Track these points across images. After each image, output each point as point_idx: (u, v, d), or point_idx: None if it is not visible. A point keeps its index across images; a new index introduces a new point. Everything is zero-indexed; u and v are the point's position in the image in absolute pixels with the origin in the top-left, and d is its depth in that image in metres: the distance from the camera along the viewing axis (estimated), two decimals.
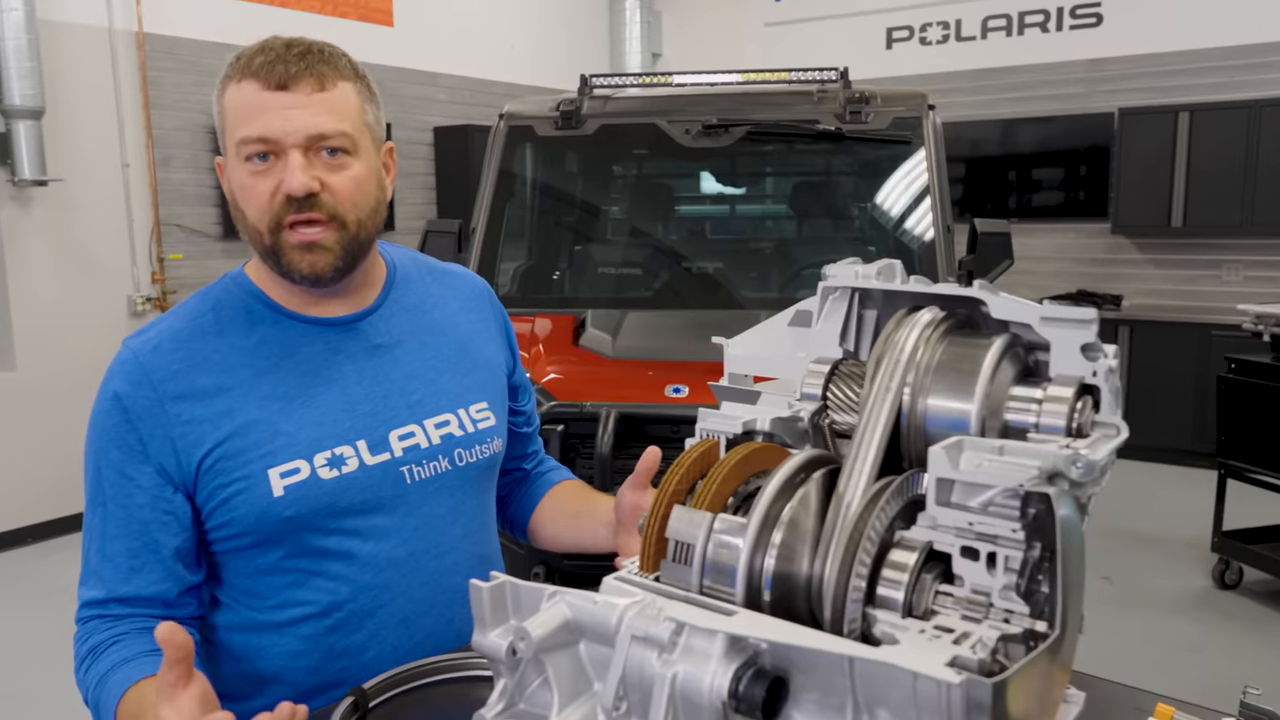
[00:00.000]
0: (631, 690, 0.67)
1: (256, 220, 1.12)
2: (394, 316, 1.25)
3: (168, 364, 1.13)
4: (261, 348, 1.16)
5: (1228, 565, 4.22)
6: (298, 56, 1.10)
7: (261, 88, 1.09)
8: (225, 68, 1.14)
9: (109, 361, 1.19)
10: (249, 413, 1.12)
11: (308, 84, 1.10)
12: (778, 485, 0.71)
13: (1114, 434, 0.71)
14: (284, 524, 1.12)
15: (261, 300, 1.19)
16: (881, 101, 3.37)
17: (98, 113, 5.19)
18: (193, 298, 1.21)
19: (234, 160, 1.12)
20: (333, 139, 1.11)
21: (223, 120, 1.13)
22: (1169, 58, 6.55)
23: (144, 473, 1.12)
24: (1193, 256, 6.59)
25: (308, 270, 1.12)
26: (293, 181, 1.08)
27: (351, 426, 1.17)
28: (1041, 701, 0.66)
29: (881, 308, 0.88)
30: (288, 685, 1.16)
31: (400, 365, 1.23)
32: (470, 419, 1.27)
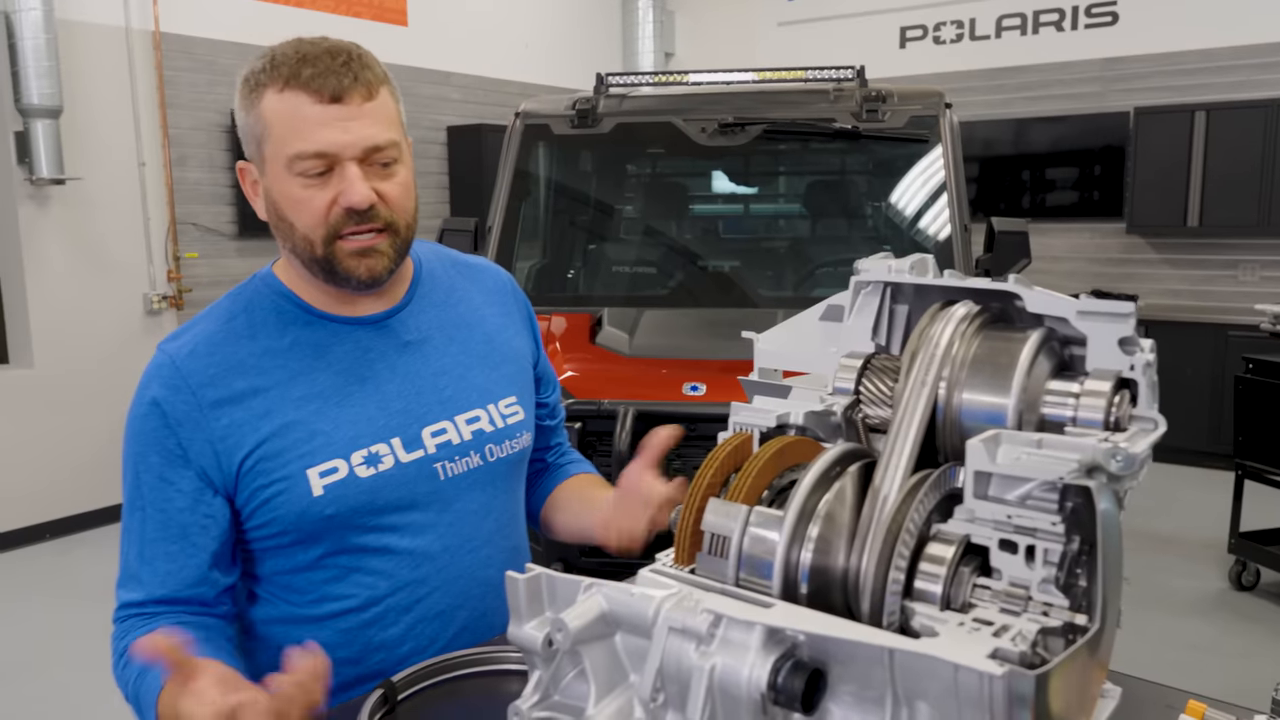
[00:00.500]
0: (669, 682, 0.67)
1: (309, 231, 1.11)
2: (422, 313, 1.26)
3: (204, 369, 1.13)
4: (295, 349, 1.17)
5: (1245, 566, 4.19)
6: (343, 66, 1.10)
7: (313, 100, 1.08)
8: (256, 73, 1.12)
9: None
10: (286, 414, 1.13)
11: (358, 95, 1.10)
12: (814, 479, 0.71)
13: (1152, 428, 0.71)
14: (324, 522, 1.13)
15: (292, 301, 1.19)
16: (898, 100, 3.36)
17: (114, 112, 5.22)
18: (224, 299, 1.21)
19: (281, 172, 1.10)
20: (386, 150, 1.12)
21: (262, 129, 1.11)
22: (1185, 57, 6.52)
23: (184, 477, 1.12)
24: (1209, 256, 6.55)
25: (366, 275, 1.13)
26: (354, 195, 1.09)
27: (386, 424, 1.18)
28: (1080, 696, 0.66)
29: (913, 303, 0.88)
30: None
31: (430, 362, 1.24)
32: (500, 414, 1.27)
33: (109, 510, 5.27)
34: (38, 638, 3.91)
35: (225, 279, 5.76)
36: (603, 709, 0.69)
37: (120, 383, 5.34)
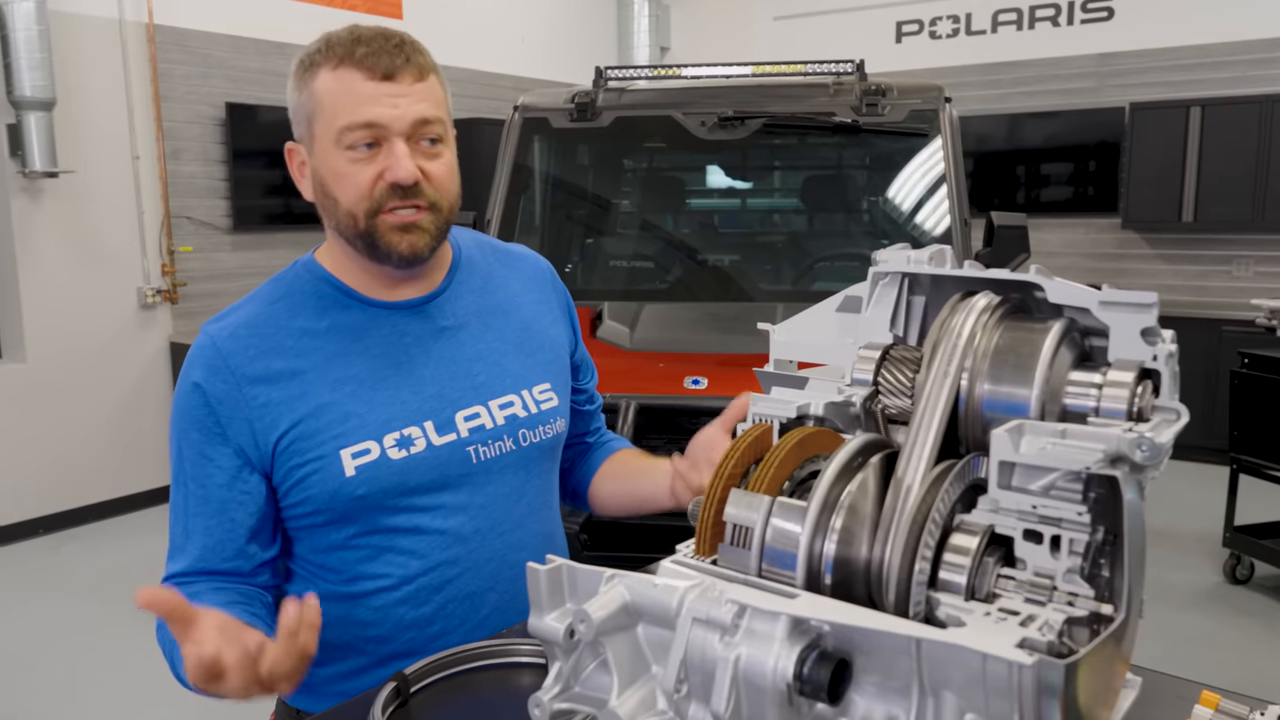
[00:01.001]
0: (693, 673, 0.67)
1: (353, 206, 1.14)
2: (460, 299, 1.28)
3: (244, 349, 1.16)
4: (332, 332, 1.19)
5: (1239, 560, 4.21)
6: (396, 48, 1.13)
7: (366, 77, 1.12)
8: (310, 54, 1.16)
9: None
10: (322, 395, 1.15)
11: (410, 74, 1.13)
12: (836, 469, 0.71)
13: (1174, 418, 0.71)
14: (356, 502, 1.15)
15: (332, 285, 1.22)
16: (898, 94, 3.36)
17: (108, 104, 5.19)
18: (266, 284, 1.24)
19: (329, 147, 1.13)
20: (434, 126, 1.15)
21: (313, 106, 1.14)
22: (1180, 52, 6.53)
23: (223, 454, 1.15)
24: (1204, 252, 6.58)
25: (407, 250, 1.15)
26: (400, 170, 1.11)
27: (419, 408, 1.19)
28: (1105, 687, 0.66)
29: (930, 294, 0.88)
30: (358, 654, 1.21)
31: (465, 347, 1.26)
32: (534, 400, 1.29)
33: (102, 505, 5.25)
34: (31, 633, 3.89)
35: (219, 273, 5.74)
36: (625, 700, 0.69)
37: (114, 377, 5.34)
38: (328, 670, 1.21)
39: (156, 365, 5.49)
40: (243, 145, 5.72)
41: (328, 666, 1.20)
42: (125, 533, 5.09)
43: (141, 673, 3.51)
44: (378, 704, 0.96)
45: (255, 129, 5.77)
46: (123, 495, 5.34)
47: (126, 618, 3.98)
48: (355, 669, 1.22)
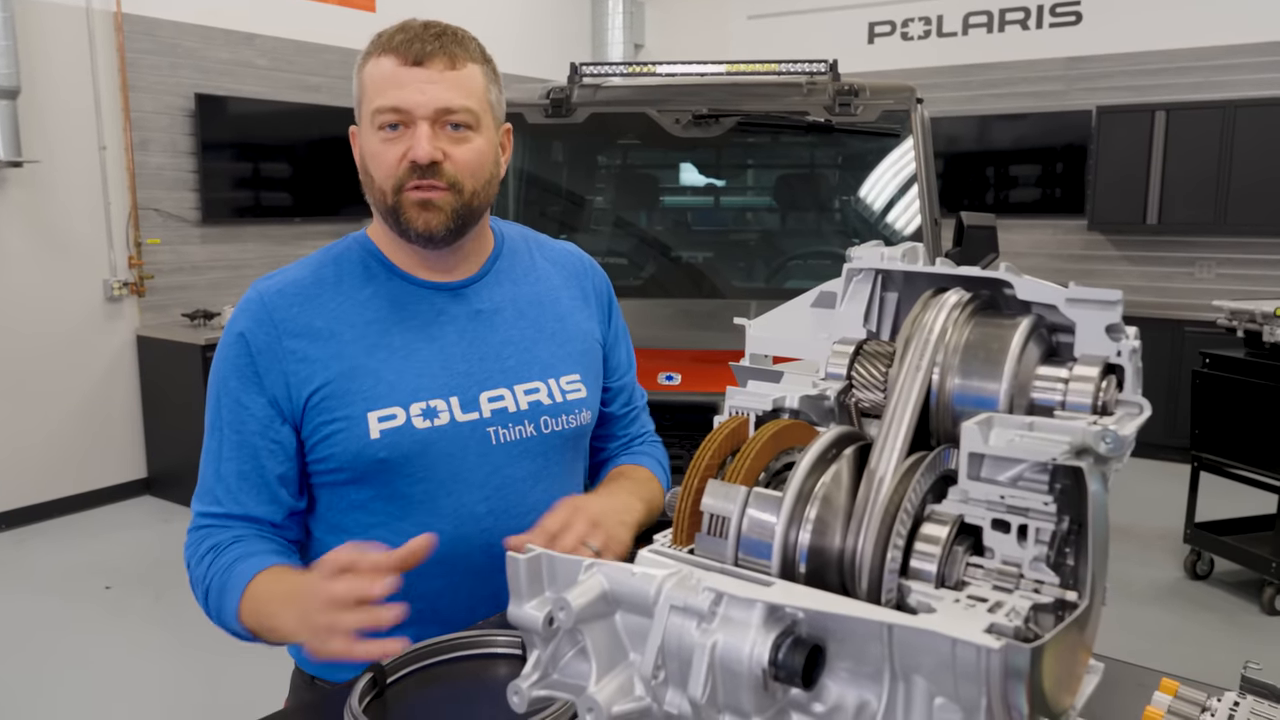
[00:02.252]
0: (670, 659, 0.68)
1: (382, 182, 1.22)
2: (498, 285, 1.34)
3: (288, 305, 1.23)
4: (373, 300, 1.26)
5: (1199, 556, 4.30)
6: (433, 36, 1.21)
7: (399, 63, 1.19)
8: (368, 45, 1.24)
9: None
10: (356, 358, 1.22)
11: (440, 62, 1.20)
12: (811, 461, 0.72)
13: (1137, 411, 0.73)
14: (377, 465, 1.21)
15: (378, 259, 1.29)
16: (870, 94, 3.39)
17: (74, 94, 5.11)
18: (318, 252, 1.32)
19: (367, 128, 1.22)
20: (458, 113, 1.20)
21: (360, 91, 1.23)
22: (1146, 57, 6.64)
23: (258, 403, 1.21)
24: (1167, 254, 6.70)
25: (423, 227, 1.22)
26: (419, 150, 1.18)
27: (446, 383, 1.25)
28: (1069, 672, 0.68)
29: (902, 290, 0.90)
30: None
31: (498, 331, 1.31)
32: (560, 389, 1.33)
33: (67, 500, 5.18)
34: None
35: (187, 266, 5.68)
36: (604, 687, 0.70)
37: (79, 370, 5.27)
38: None
39: (123, 358, 5.42)
40: (212, 137, 5.66)
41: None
42: (90, 528, 5.02)
43: (106, 670, 3.47)
44: (354, 695, 0.97)
45: (225, 120, 5.71)
46: (88, 490, 5.27)
47: (91, 614, 3.93)
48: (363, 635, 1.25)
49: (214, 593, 1.16)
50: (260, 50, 5.95)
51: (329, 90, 6.30)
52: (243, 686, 3.30)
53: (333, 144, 6.25)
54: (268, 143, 5.97)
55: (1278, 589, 3.90)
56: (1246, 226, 6.22)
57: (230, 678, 3.37)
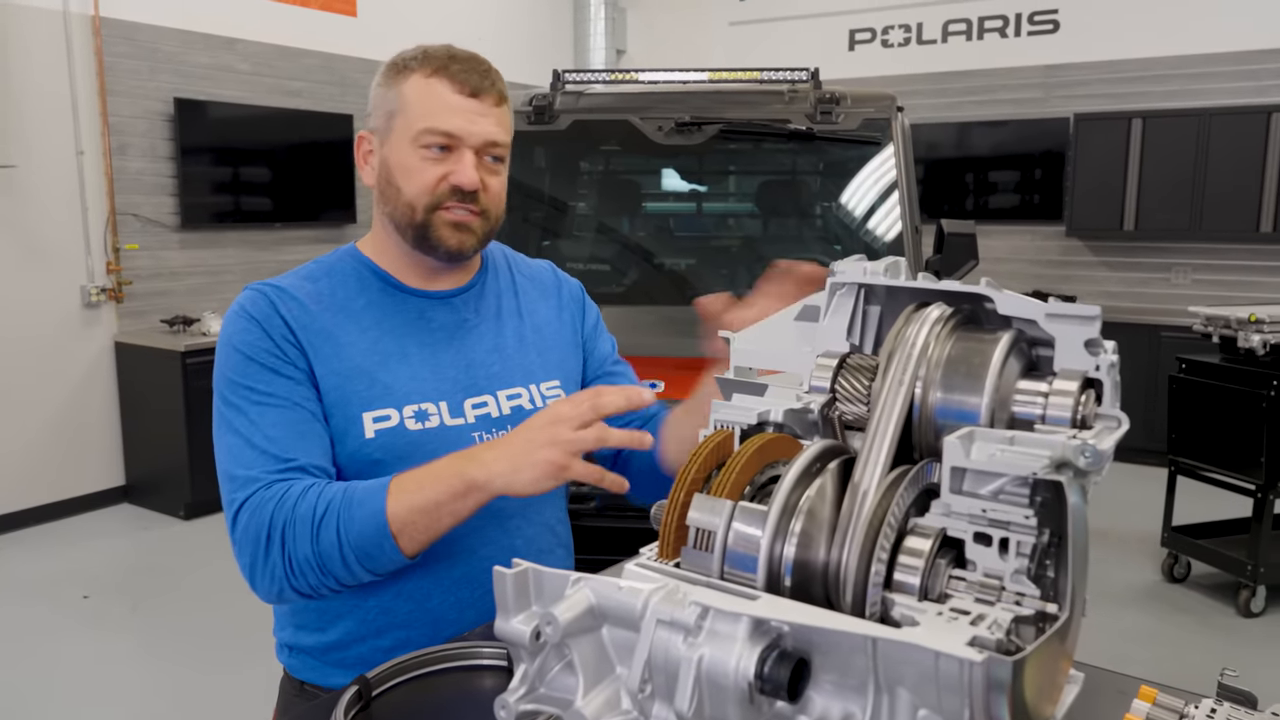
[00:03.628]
0: (656, 673, 0.68)
1: (414, 198, 1.26)
2: (483, 298, 1.40)
3: (291, 303, 1.26)
4: (369, 309, 1.30)
5: (1176, 559, 4.35)
6: (485, 73, 1.27)
7: (456, 90, 1.24)
8: (406, 59, 1.27)
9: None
10: (354, 360, 1.25)
11: (492, 97, 1.26)
12: (796, 474, 0.73)
13: (1116, 425, 0.74)
14: (371, 465, 1.23)
15: (372, 270, 1.33)
16: (851, 102, 3.41)
17: (51, 98, 5.06)
18: (309, 264, 1.35)
19: (404, 143, 1.25)
20: (500, 148, 1.28)
21: (399, 104, 1.26)
22: (1123, 65, 6.72)
23: (291, 371, 1.22)
24: (1144, 260, 6.77)
25: (455, 246, 1.28)
26: (466, 176, 1.24)
27: (436, 388, 1.29)
28: (1050, 682, 0.69)
29: (885, 304, 0.91)
30: (358, 622, 1.27)
31: (484, 340, 1.36)
32: (541, 395, 1.38)
33: (43, 509, 5.12)
34: None
35: (166, 271, 5.64)
36: (590, 700, 0.70)
37: (57, 377, 5.21)
38: (329, 636, 1.28)
39: (101, 365, 5.37)
40: (191, 142, 5.62)
41: (329, 632, 1.28)
42: (68, 537, 4.97)
43: (84, 680, 3.44)
44: (340, 706, 0.97)
45: (205, 125, 5.68)
46: (66, 498, 5.22)
47: (69, 624, 3.89)
48: (354, 636, 1.28)
49: (335, 512, 1.11)
50: (241, 55, 5.92)
51: (310, 95, 6.27)
52: (223, 697, 3.27)
53: (314, 149, 6.23)
54: (248, 148, 5.93)
55: (1254, 591, 3.95)
56: (1221, 233, 6.30)
57: (210, 688, 3.35)
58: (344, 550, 1.10)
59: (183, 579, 4.40)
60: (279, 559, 1.12)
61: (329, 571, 1.12)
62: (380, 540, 1.10)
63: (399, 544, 1.10)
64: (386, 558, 1.11)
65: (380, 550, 1.10)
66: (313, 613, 1.31)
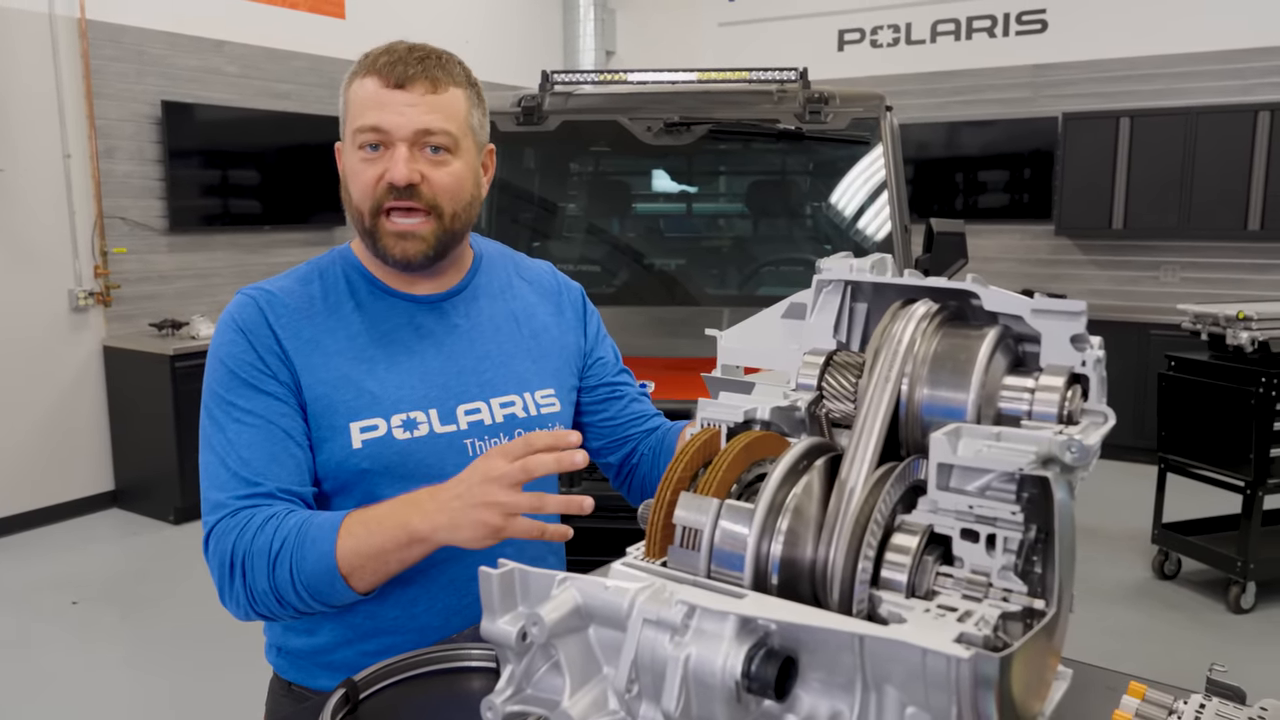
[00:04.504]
0: (643, 673, 0.68)
1: (360, 202, 1.24)
2: (475, 301, 1.37)
3: (279, 311, 1.25)
4: (357, 315, 1.28)
5: (1167, 556, 4.36)
6: (417, 60, 1.22)
7: (382, 84, 1.21)
8: (356, 65, 1.26)
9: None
10: (341, 369, 1.24)
11: (422, 85, 1.21)
12: (782, 472, 0.73)
13: (1102, 421, 0.74)
14: (358, 475, 1.22)
15: (361, 273, 1.31)
16: (840, 102, 3.42)
17: (37, 101, 5.03)
18: (303, 266, 1.33)
19: (349, 146, 1.24)
20: (436, 136, 1.22)
21: (345, 110, 1.25)
22: (1111, 64, 6.75)
23: (274, 387, 1.21)
24: (1132, 258, 6.80)
25: (400, 256, 1.25)
26: (396, 171, 1.20)
27: (426, 395, 1.27)
28: (1038, 679, 0.69)
29: (871, 301, 0.91)
30: (345, 626, 1.27)
31: (475, 345, 1.34)
32: (535, 402, 1.36)
33: (30, 515, 5.09)
34: None
35: (155, 275, 5.61)
36: (577, 701, 0.70)
37: (44, 382, 5.18)
38: (317, 640, 1.28)
39: (89, 369, 5.34)
40: (179, 145, 5.60)
41: (317, 636, 1.28)
42: (57, 542, 4.94)
43: (73, 686, 3.41)
44: (327, 710, 0.96)
45: (193, 128, 5.65)
46: (54, 504, 5.18)
47: (58, 630, 3.87)
48: (341, 640, 1.27)
49: (289, 549, 1.11)
50: (229, 57, 5.90)
51: (298, 97, 6.25)
52: (213, 703, 3.26)
53: (303, 151, 6.20)
54: (236, 150, 5.91)
55: (1243, 588, 3.96)
56: (1209, 231, 6.33)
57: (200, 694, 3.33)
58: (297, 587, 1.11)
59: (173, 584, 4.37)
60: (240, 588, 1.14)
61: (286, 603, 1.13)
62: (331, 580, 1.10)
63: (350, 584, 1.11)
64: (339, 595, 1.12)
65: (332, 589, 1.11)
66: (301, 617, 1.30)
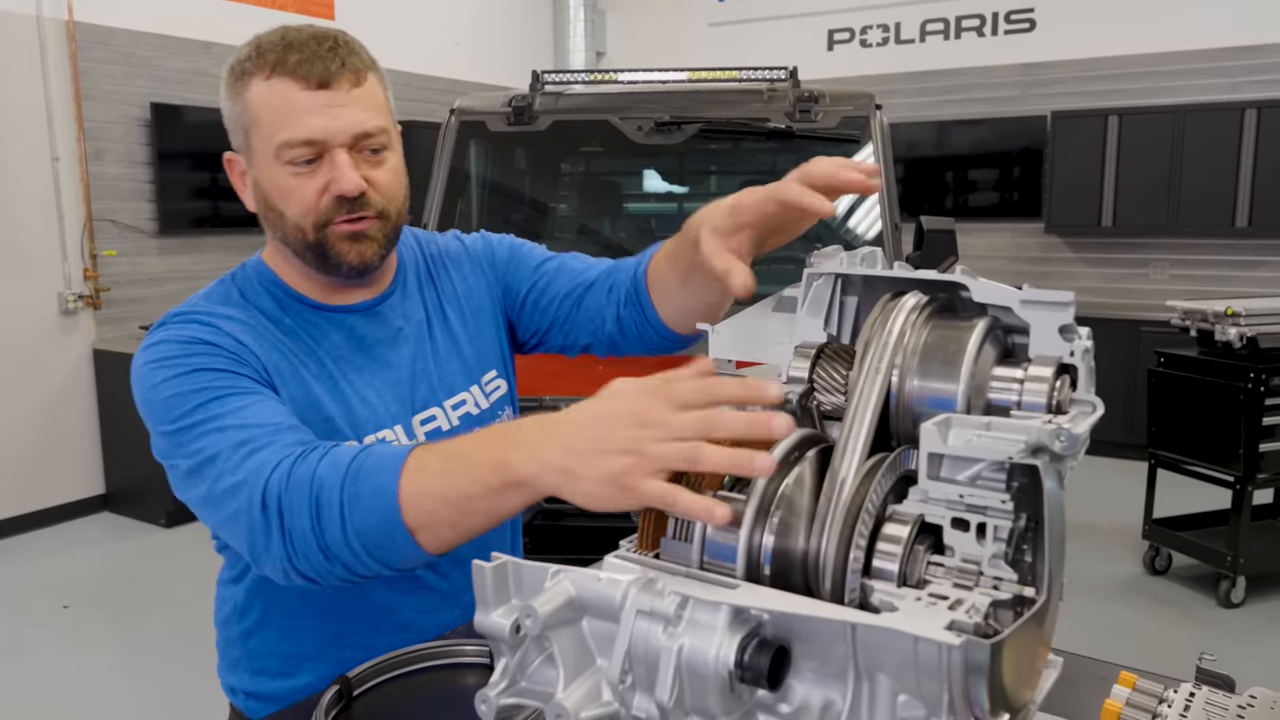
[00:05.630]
0: (637, 664, 0.68)
1: (299, 220, 1.10)
2: (409, 298, 1.27)
3: (228, 325, 1.10)
4: (294, 335, 1.15)
5: (1157, 552, 4.38)
6: (330, 52, 1.08)
7: (300, 87, 1.07)
8: (241, 61, 1.11)
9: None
10: (298, 395, 1.11)
11: (346, 81, 1.09)
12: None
13: (1090, 410, 0.75)
14: None
15: (286, 291, 1.18)
16: (830, 101, 3.43)
17: (25, 104, 5.02)
18: (217, 285, 1.18)
19: (269, 161, 1.09)
20: (376, 136, 1.11)
21: (249, 119, 1.10)
22: (1099, 63, 6.78)
23: (250, 371, 1.06)
24: (1122, 255, 6.83)
25: (356, 260, 1.13)
26: (344, 183, 1.08)
27: (388, 411, 1.18)
28: (1029, 667, 0.69)
29: (862, 294, 0.91)
30: (332, 664, 1.16)
31: (422, 346, 1.25)
32: (483, 393, 1.29)
33: (23, 518, 5.07)
34: None
35: (145, 278, 5.59)
36: (571, 692, 0.70)
37: (33, 386, 5.16)
38: (296, 682, 1.20)
39: (79, 373, 5.32)
40: (169, 147, 5.58)
41: (296, 678, 1.20)
42: (47, 546, 4.92)
43: (63, 690, 3.40)
44: (321, 707, 0.96)
45: (182, 130, 5.64)
46: (45, 507, 5.16)
47: (49, 634, 3.85)
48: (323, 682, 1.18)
49: (339, 481, 0.88)
50: (217, 59, 5.88)
51: None
52: (206, 707, 3.24)
53: None
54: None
55: (1233, 582, 3.99)
56: (1197, 228, 6.37)
57: (192, 699, 3.32)
58: (348, 533, 0.87)
59: (164, 588, 4.36)
60: (278, 535, 0.90)
61: (335, 557, 0.88)
62: (390, 529, 0.85)
63: (417, 539, 0.86)
64: (400, 552, 0.87)
65: (392, 541, 0.86)
66: (275, 658, 1.21)
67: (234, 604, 1.24)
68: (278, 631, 1.21)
